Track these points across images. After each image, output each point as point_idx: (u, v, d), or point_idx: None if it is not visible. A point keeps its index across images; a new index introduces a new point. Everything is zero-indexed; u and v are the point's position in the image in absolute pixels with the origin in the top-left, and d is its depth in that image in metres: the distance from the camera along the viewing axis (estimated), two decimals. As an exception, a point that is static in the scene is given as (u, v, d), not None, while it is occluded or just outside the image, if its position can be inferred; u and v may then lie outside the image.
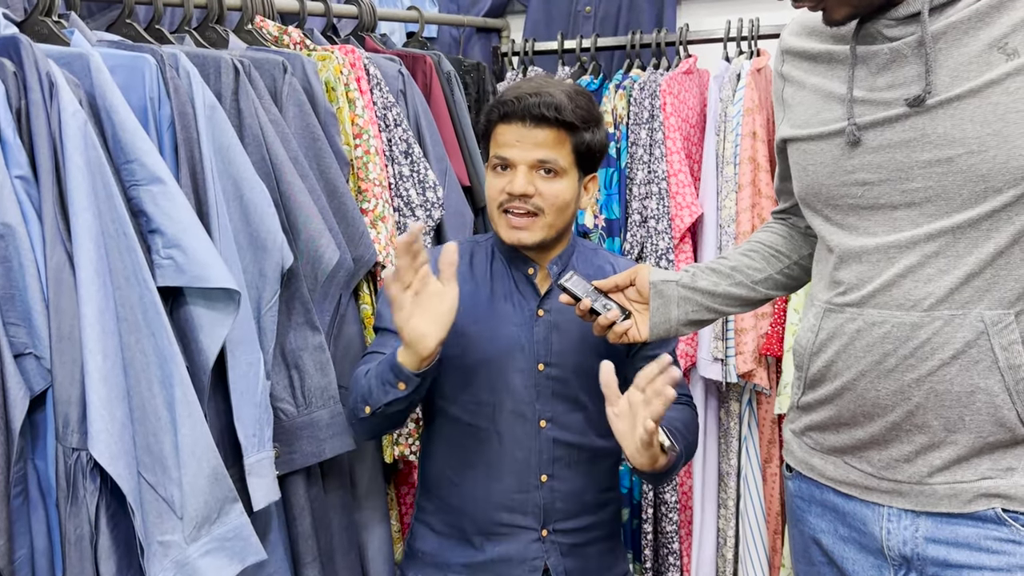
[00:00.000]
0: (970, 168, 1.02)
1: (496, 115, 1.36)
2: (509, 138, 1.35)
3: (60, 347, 1.13)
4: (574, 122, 1.34)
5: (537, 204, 1.35)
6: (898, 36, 1.07)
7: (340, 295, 1.57)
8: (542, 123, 1.33)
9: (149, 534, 1.19)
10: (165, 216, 1.23)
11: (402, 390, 1.27)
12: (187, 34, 1.58)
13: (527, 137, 1.33)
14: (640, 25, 2.45)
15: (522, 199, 1.34)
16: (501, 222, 1.38)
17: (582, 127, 1.35)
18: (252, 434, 1.36)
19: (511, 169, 1.35)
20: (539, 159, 1.34)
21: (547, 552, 1.42)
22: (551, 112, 1.32)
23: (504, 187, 1.35)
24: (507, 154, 1.35)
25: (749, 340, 2.06)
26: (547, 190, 1.35)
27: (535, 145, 1.33)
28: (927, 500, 1.11)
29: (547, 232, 1.37)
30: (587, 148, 1.37)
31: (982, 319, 1.04)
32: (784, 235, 1.39)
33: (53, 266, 1.13)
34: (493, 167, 1.38)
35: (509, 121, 1.34)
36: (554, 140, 1.34)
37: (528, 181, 1.34)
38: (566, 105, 1.33)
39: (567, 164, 1.36)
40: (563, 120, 1.33)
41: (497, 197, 1.37)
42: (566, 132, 1.34)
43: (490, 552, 1.42)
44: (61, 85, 1.16)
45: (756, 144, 2.06)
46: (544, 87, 1.35)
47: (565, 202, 1.37)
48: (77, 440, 1.14)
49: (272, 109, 1.48)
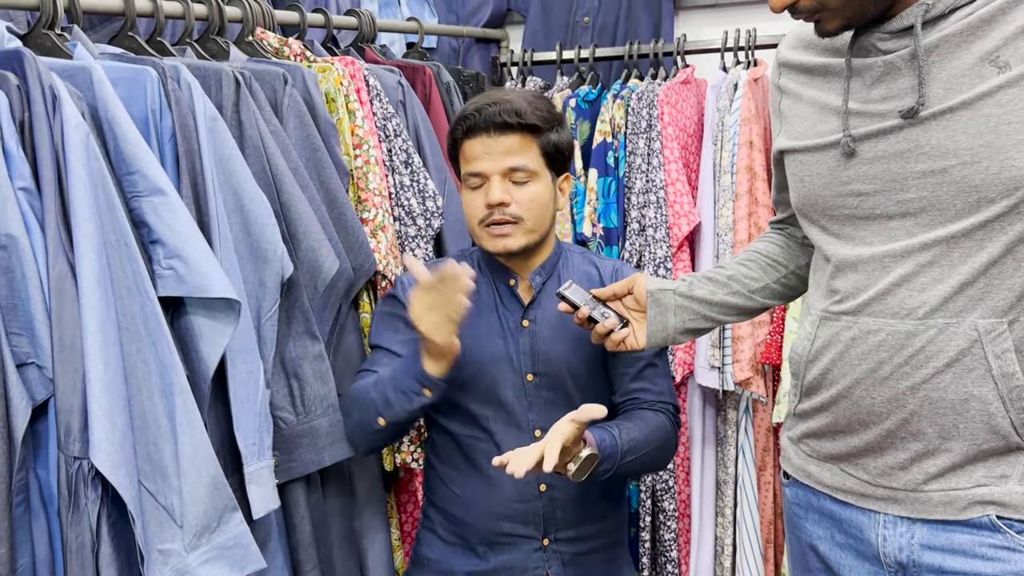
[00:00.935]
0: (963, 179, 1.03)
1: (460, 131, 1.39)
2: (477, 151, 1.37)
3: (62, 357, 1.14)
4: (537, 124, 1.36)
5: (514, 212, 1.37)
6: (892, 49, 1.08)
7: (340, 304, 1.58)
8: (506, 130, 1.35)
9: (149, 542, 1.20)
10: (166, 227, 1.24)
11: (429, 396, 1.30)
12: (188, 46, 1.58)
13: (494, 147, 1.36)
14: (638, 35, 2.46)
15: (500, 208, 1.36)
16: (484, 235, 1.39)
17: (546, 128, 1.38)
18: (252, 443, 1.36)
19: (485, 182, 1.37)
20: (509, 167, 1.36)
21: (548, 561, 1.43)
22: (513, 118, 1.34)
23: (482, 202, 1.37)
24: (478, 167, 1.37)
25: (746, 348, 2.07)
26: (522, 196, 1.37)
27: (503, 153, 1.36)
28: (922, 507, 1.11)
29: (529, 237, 1.39)
30: (555, 148, 1.40)
31: (976, 328, 1.05)
32: (781, 245, 1.41)
33: (55, 276, 1.14)
34: (467, 184, 1.40)
35: (473, 135, 1.37)
36: (521, 145, 1.36)
37: (503, 190, 1.36)
38: (526, 109, 1.35)
39: (537, 167, 1.38)
40: (526, 123, 1.35)
41: (477, 213, 1.39)
42: (531, 135, 1.37)
43: (493, 561, 1.43)
44: (64, 97, 1.17)
45: (753, 153, 2.07)
46: (501, 96, 1.38)
47: (542, 205, 1.39)
48: (79, 449, 1.14)
49: (273, 120, 1.49)
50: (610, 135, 2.19)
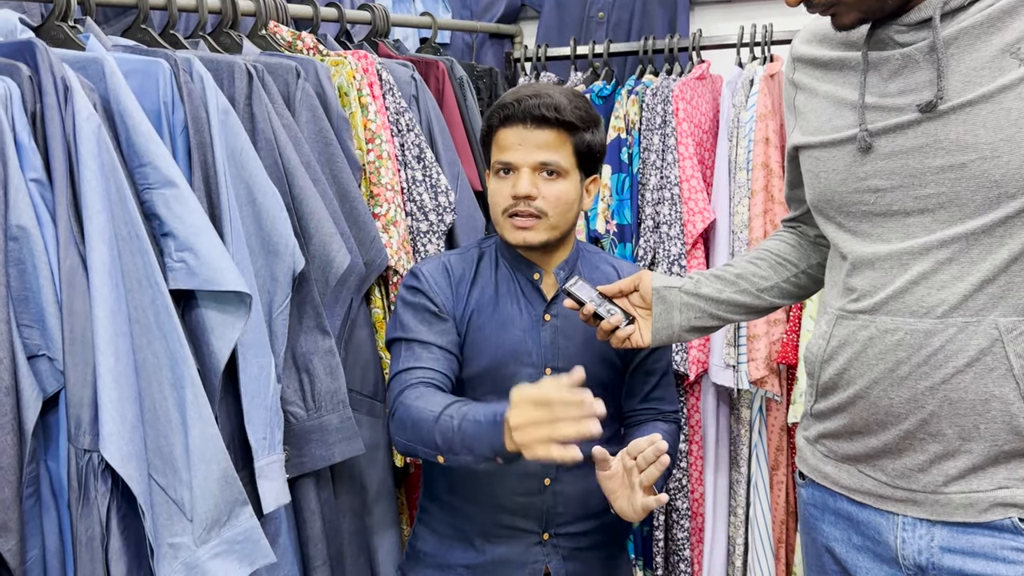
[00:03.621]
0: (983, 174, 1.01)
1: (497, 119, 1.38)
2: (511, 141, 1.36)
3: (73, 349, 1.14)
4: (574, 122, 1.35)
5: (540, 207, 1.36)
6: (910, 42, 1.06)
7: (351, 299, 1.58)
8: (543, 124, 1.34)
9: (159, 536, 1.20)
10: (177, 219, 1.24)
11: (499, 464, 1.19)
12: (201, 39, 1.59)
13: (528, 139, 1.35)
14: (653, 31, 2.45)
15: (526, 201, 1.35)
16: (506, 225, 1.39)
17: (582, 127, 1.37)
18: (263, 437, 1.36)
19: (514, 172, 1.36)
20: (541, 161, 1.35)
21: (548, 555, 1.43)
22: (551, 112, 1.33)
23: (508, 191, 1.36)
24: (509, 157, 1.36)
25: (761, 347, 2.05)
26: (550, 192, 1.36)
27: (537, 147, 1.35)
28: (942, 509, 1.10)
29: (551, 233, 1.38)
30: (588, 148, 1.39)
31: (996, 326, 1.03)
32: (793, 243, 1.39)
33: (66, 268, 1.14)
34: (496, 172, 1.40)
35: (510, 124, 1.36)
36: (555, 141, 1.35)
37: (531, 183, 1.35)
38: (565, 105, 1.34)
39: (569, 165, 1.37)
40: (563, 120, 1.34)
41: (502, 202, 1.38)
42: (567, 132, 1.36)
43: (490, 554, 1.42)
44: (76, 89, 1.17)
45: (769, 150, 2.05)
46: (542, 90, 1.36)
47: (568, 203, 1.38)
48: (89, 442, 1.14)
49: (285, 114, 1.49)
50: (624, 131, 2.18)
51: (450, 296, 1.42)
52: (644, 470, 1.24)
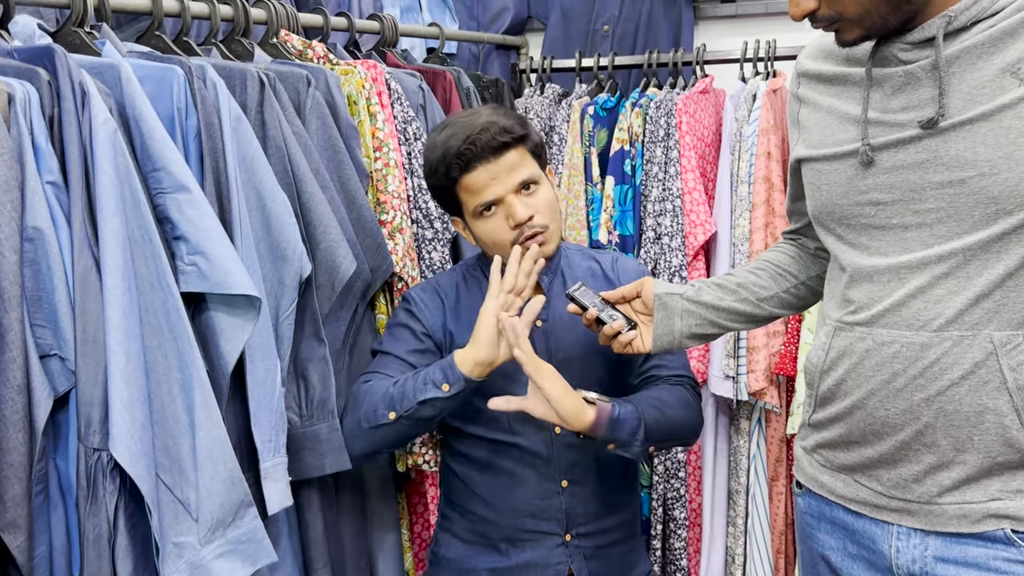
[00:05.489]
0: (982, 190, 1.03)
1: (457, 170, 1.37)
2: (482, 180, 1.36)
3: (84, 349, 1.15)
4: (523, 132, 1.39)
5: (540, 222, 1.39)
6: (912, 59, 1.08)
7: (356, 305, 1.59)
8: (503, 150, 1.36)
9: (165, 535, 1.21)
10: (190, 223, 1.25)
11: (445, 392, 1.31)
12: (214, 46, 1.60)
13: (497, 170, 1.36)
14: (657, 44, 2.47)
15: (528, 224, 1.37)
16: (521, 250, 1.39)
17: (525, 131, 1.40)
18: (268, 439, 1.37)
19: (500, 205, 1.38)
20: (519, 182, 1.38)
21: (571, 556, 1.44)
22: (505, 136, 1.36)
23: (507, 224, 1.38)
24: (490, 196, 1.37)
25: (761, 358, 2.06)
26: (538, 203, 1.39)
27: (507, 172, 1.37)
28: (936, 520, 1.11)
29: (556, 239, 1.43)
30: (538, 147, 1.43)
31: (991, 340, 1.05)
32: (793, 255, 1.41)
33: (80, 270, 1.15)
34: (478, 215, 1.39)
35: (473, 166, 1.36)
36: (518, 158, 1.38)
37: (524, 205, 1.37)
38: (509, 123, 1.37)
39: (536, 171, 1.41)
40: (517, 136, 1.37)
41: (506, 236, 1.39)
42: (521, 144, 1.39)
43: (515, 558, 1.44)
44: (93, 94, 1.18)
45: (771, 164, 2.07)
46: (478, 120, 1.37)
47: (554, 204, 1.43)
48: (98, 440, 1.15)
49: (295, 121, 1.50)
50: (628, 143, 2.20)
51: (441, 320, 1.46)
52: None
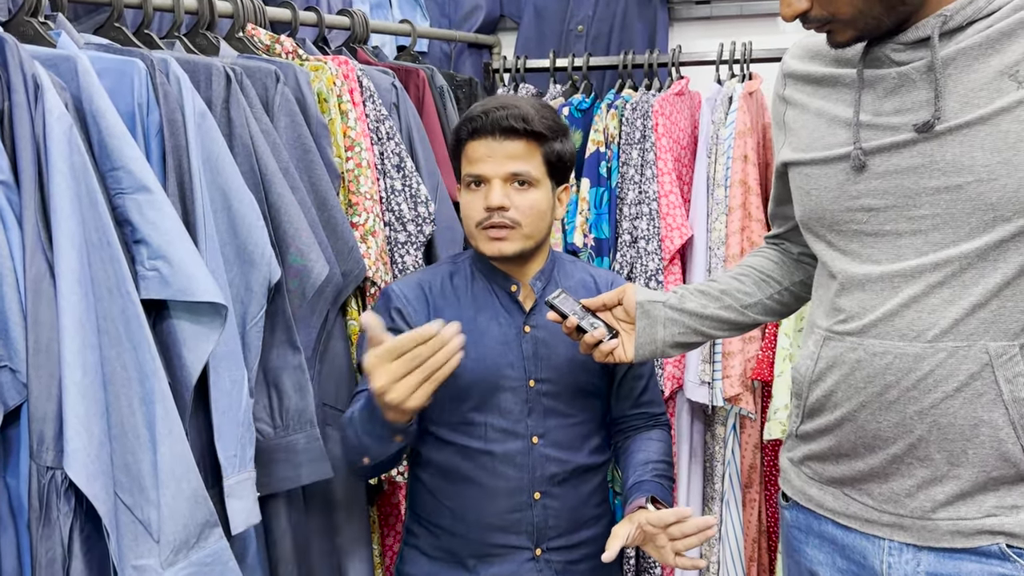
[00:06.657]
0: (979, 196, 1.01)
1: (465, 132, 1.38)
2: (480, 153, 1.36)
3: (37, 360, 1.09)
4: (543, 132, 1.36)
5: (513, 217, 1.36)
6: (906, 60, 1.06)
7: (328, 311, 1.54)
8: (511, 135, 1.35)
9: (124, 558, 1.15)
10: (151, 226, 1.20)
11: (401, 442, 1.26)
12: (177, 40, 1.54)
13: (498, 150, 1.35)
14: (632, 45, 2.45)
15: (499, 212, 1.35)
16: (481, 237, 1.38)
17: (551, 137, 1.38)
18: (233, 454, 1.31)
19: (485, 184, 1.37)
20: (512, 172, 1.35)
21: (541, 571, 1.40)
22: (519, 123, 1.34)
23: (481, 204, 1.36)
24: (480, 170, 1.36)
25: (736, 364, 2.05)
26: (522, 202, 1.36)
27: (506, 158, 1.35)
28: (930, 535, 1.09)
29: (525, 243, 1.38)
30: (557, 157, 1.39)
31: (987, 351, 1.02)
32: (776, 261, 1.38)
33: (32, 275, 1.09)
34: (467, 185, 1.40)
35: (479, 136, 1.36)
36: (525, 151, 1.36)
37: (503, 194, 1.35)
38: (533, 116, 1.35)
39: (539, 175, 1.38)
40: (532, 130, 1.35)
41: (476, 215, 1.38)
42: (536, 143, 1.37)
43: (484, 574, 1.40)
44: (47, 87, 1.12)
45: (747, 167, 2.05)
46: (510, 101, 1.38)
47: (541, 212, 1.39)
48: (52, 458, 1.09)
49: (263, 119, 1.45)
50: (603, 145, 2.17)
51: (426, 316, 1.41)
52: (679, 539, 1.26)
